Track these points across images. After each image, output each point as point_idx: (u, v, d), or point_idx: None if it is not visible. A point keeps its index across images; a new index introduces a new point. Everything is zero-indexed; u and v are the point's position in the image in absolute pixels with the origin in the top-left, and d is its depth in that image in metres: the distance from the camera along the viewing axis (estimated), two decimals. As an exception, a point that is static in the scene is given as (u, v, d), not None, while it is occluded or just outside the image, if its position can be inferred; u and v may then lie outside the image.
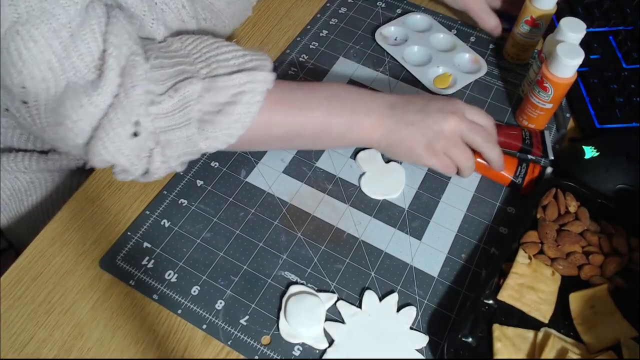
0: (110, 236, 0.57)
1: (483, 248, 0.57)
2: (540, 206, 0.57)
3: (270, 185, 0.61)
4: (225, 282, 0.54)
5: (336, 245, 0.57)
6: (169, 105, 0.48)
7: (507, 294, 0.52)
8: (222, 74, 0.50)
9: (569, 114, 0.68)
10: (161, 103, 0.48)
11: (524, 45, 0.71)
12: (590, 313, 0.51)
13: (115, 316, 0.52)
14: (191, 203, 0.59)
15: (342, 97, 0.55)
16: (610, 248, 0.54)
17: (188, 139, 0.50)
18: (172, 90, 0.48)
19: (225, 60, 0.51)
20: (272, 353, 0.50)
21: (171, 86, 0.48)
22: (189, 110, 0.49)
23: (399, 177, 0.62)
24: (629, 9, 0.75)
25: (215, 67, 0.50)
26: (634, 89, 0.66)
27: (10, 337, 0.51)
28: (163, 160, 0.50)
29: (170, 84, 0.48)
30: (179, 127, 0.49)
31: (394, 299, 0.53)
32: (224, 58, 0.51)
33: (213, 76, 0.49)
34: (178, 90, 0.48)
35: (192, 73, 0.49)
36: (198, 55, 0.51)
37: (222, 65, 0.50)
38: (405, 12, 0.79)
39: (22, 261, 0.55)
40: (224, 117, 0.49)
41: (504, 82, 0.72)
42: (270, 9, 0.80)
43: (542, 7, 0.66)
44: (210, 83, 0.49)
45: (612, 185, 0.58)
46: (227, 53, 0.51)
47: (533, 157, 0.64)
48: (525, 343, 0.50)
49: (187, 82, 0.48)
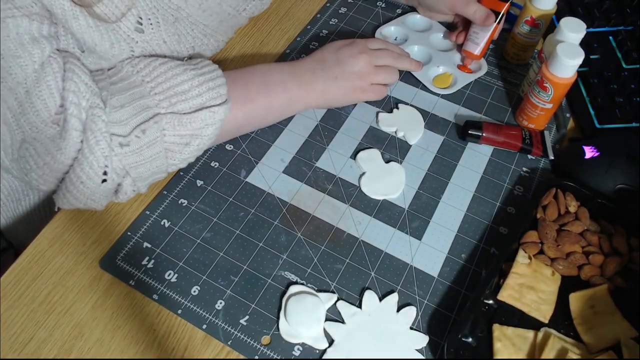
0: (110, 236, 0.57)
1: (483, 248, 0.57)
2: (540, 206, 0.57)
3: (270, 185, 0.61)
4: (225, 282, 0.54)
5: (336, 245, 0.57)
6: (137, 145, 0.50)
7: (507, 294, 0.52)
8: (185, 111, 0.52)
9: (569, 114, 0.68)
10: (129, 144, 0.50)
11: (524, 45, 0.71)
12: (590, 313, 0.51)
13: (115, 316, 0.52)
14: (191, 203, 0.59)
15: (273, 79, 0.60)
16: (610, 248, 0.54)
17: (157, 168, 0.53)
18: (138, 130, 0.50)
19: (184, 93, 0.52)
20: (272, 353, 0.50)
21: (136, 126, 0.50)
22: (157, 145, 0.51)
23: (399, 177, 0.62)
24: (629, 9, 0.75)
25: (176, 102, 0.52)
26: (634, 89, 0.66)
27: (10, 337, 0.51)
28: (133, 189, 0.53)
29: (133, 123, 0.50)
30: (149, 161, 0.52)
31: (394, 299, 0.53)
32: (182, 90, 0.52)
33: (175, 112, 0.52)
34: (146, 131, 0.50)
35: (152, 108, 0.51)
36: (154, 84, 0.52)
37: (181, 99, 0.52)
38: (405, 12, 0.79)
39: (22, 261, 0.55)
40: (190, 147, 0.54)
41: (504, 82, 0.72)
42: (270, 9, 0.80)
43: (542, 7, 0.66)
44: (174, 119, 0.51)
45: (612, 185, 0.58)
46: (183, 83, 0.53)
47: (533, 157, 0.64)
48: (525, 343, 0.50)
49: (152, 122, 0.50)
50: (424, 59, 0.73)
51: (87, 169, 0.48)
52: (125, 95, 0.51)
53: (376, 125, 0.67)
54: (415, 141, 0.65)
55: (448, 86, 0.71)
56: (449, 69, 0.72)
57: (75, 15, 0.49)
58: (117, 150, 0.49)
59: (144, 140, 0.50)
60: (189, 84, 0.53)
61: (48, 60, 0.48)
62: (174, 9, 0.57)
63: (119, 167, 0.50)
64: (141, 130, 0.50)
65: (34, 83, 0.47)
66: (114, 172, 0.50)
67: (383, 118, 0.67)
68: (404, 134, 0.65)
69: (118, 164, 0.50)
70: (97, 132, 0.48)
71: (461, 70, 0.72)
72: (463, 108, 0.68)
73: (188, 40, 0.60)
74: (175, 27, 0.58)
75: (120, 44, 0.53)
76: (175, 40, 0.58)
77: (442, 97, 0.70)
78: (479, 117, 0.68)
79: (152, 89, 0.52)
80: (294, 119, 0.67)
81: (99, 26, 0.51)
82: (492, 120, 0.67)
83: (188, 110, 0.52)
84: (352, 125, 0.66)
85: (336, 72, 0.62)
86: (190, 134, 0.53)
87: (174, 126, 0.51)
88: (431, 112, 0.68)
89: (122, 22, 0.52)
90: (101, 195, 0.51)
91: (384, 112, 0.68)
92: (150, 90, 0.52)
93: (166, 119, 0.51)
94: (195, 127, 0.53)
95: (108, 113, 0.49)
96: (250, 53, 0.74)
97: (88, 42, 0.51)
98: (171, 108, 0.52)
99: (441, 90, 0.70)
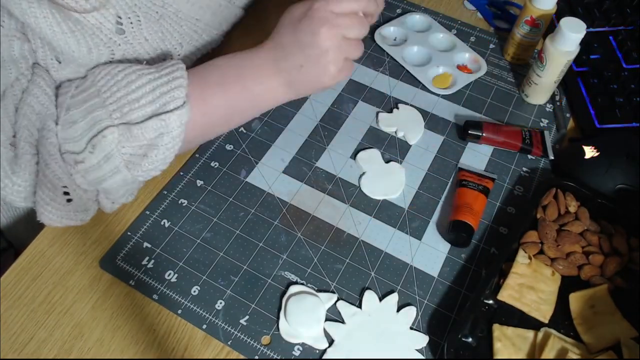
0: (110, 236, 0.57)
1: (483, 248, 0.57)
2: (540, 206, 0.57)
3: (270, 185, 0.61)
4: (225, 282, 0.54)
5: (336, 245, 0.57)
6: (92, 160, 0.48)
7: (507, 294, 0.52)
8: (136, 121, 0.48)
9: (569, 114, 0.68)
10: (84, 161, 0.48)
11: (524, 45, 0.71)
12: (590, 313, 0.51)
13: (115, 316, 0.52)
14: (191, 203, 0.59)
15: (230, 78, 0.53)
16: (610, 248, 0.54)
17: (123, 181, 0.50)
18: (90, 146, 0.48)
19: (136, 100, 0.48)
20: (272, 353, 0.50)
21: (88, 141, 0.48)
22: (114, 159, 0.48)
23: (399, 177, 0.62)
24: (629, 9, 0.75)
25: (128, 111, 0.48)
26: (634, 89, 0.66)
27: (10, 337, 0.51)
28: (111, 201, 0.52)
29: (86, 139, 0.48)
30: (110, 176, 0.49)
31: (394, 299, 0.53)
32: (135, 97, 0.48)
33: (126, 122, 0.48)
34: (96, 146, 0.47)
35: (104, 119, 0.48)
36: (109, 94, 0.49)
37: (133, 107, 0.48)
38: (405, 12, 0.79)
39: (22, 261, 0.55)
40: (149, 159, 0.49)
41: (504, 82, 0.72)
42: (271, 3, 0.80)
43: (542, 7, 0.66)
44: (125, 130, 0.48)
45: (612, 185, 0.58)
46: (136, 90, 0.48)
47: (533, 157, 0.64)
48: (525, 343, 0.50)
49: (101, 135, 0.47)
50: (423, 59, 0.73)
51: (47, 191, 0.48)
52: (80, 109, 0.49)
53: (376, 125, 0.67)
54: (415, 141, 0.65)
55: (448, 86, 0.71)
56: (448, 69, 0.72)
57: (48, 23, 0.47)
58: (76, 167, 0.48)
59: (98, 156, 0.47)
60: (142, 90, 0.48)
61: (11, 84, 0.48)
62: (159, 6, 0.54)
63: (84, 183, 0.49)
64: (92, 145, 0.47)
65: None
66: (78, 188, 0.49)
67: (383, 118, 0.67)
68: (404, 134, 0.65)
69: (82, 180, 0.49)
70: (46, 155, 0.47)
71: (461, 70, 0.72)
72: (463, 108, 0.68)
73: (175, 37, 0.57)
74: (160, 24, 0.55)
75: (99, 48, 0.51)
76: (159, 39, 0.55)
77: (442, 97, 0.70)
78: (479, 117, 0.68)
79: (106, 99, 0.48)
80: (294, 119, 0.67)
81: (75, 32, 0.49)
82: (492, 120, 0.67)
83: (139, 119, 0.48)
84: (352, 125, 0.66)
85: (299, 59, 0.51)
86: (146, 144, 0.48)
87: (127, 138, 0.47)
88: (431, 112, 0.68)
89: (101, 23, 0.50)
90: (74, 212, 0.50)
91: (384, 112, 0.68)
92: (105, 100, 0.48)
93: (118, 131, 0.47)
94: (149, 137, 0.48)
95: (61, 130, 0.48)
96: (250, 53, 0.74)
97: (65, 49, 0.49)
98: (123, 118, 0.48)
99: (441, 91, 0.70)
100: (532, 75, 0.66)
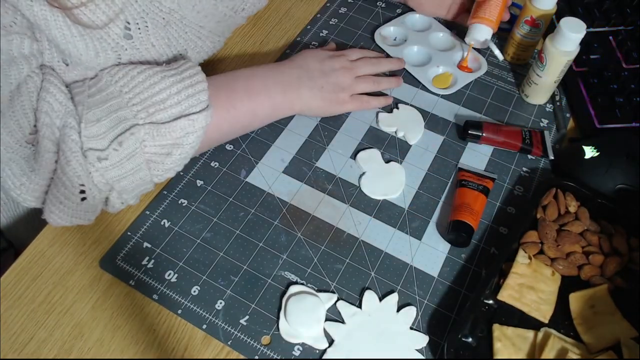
0: (110, 236, 0.57)
1: (483, 248, 0.57)
2: (540, 206, 0.57)
3: (270, 185, 0.61)
4: (225, 282, 0.54)
5: (336, 245, 0.57)
6: (116, 158, 0.49)
7: (507, 294, 0.52)
8: (163, 120, 0.51)
9: (569, 114, 0.68)
10: (108, 158, 0.49)
11: (524, 45, 0.71)
12: (590, 313, 0.51)
13: (115, 316, 0.52)
14: (191, 203, 0.59)
15: (257, 86, 0.60)
16: (610, 248, 0.54)
17: (141, 180, 0.52)
18: (116, 143, 0.49)
19: (162, 102, 0.51)
20: (272, 353, 0.50)
21: (113, 139, 0.49)
22: (137, 157, 0.50)
23: (399, 177, 0.62)
24: (629, 9, 0.75)
25: (154, 112, 0.51)
26: (634, 89, 0.66)
27: (10, 337, 0.51)
28: (121, 201, 0.53)
29: (111, 136, 0.49)
30: (131, 174, 0.51)
31: (394, 299, 0.53)
32: (160, 99, 0.51)
33: (153, 122, 0.50)
34: (122, 144, 0.49)
35: (129, 119, 0.50)
36: (131, 95, 0.51)
37: (159, 108, 0.51)
38: (405, 11, 0.79)
39: (22, 261, 0.55)
40: (172, 157, 0.52)
41: (504, 82, 0.72)
42: (270, 8, 0.80)
43: (542, 7, 0.66)
44: (152, 129, 0.50)
45: (612, 185, 0.58)
46: (161, 92, 0.51)
47: (533, 157, 0.64)
48: (525, 343, 0.50)
49: (129, 133, 0.49)
50: (423, 59, 0.73)
51: (62, 189, 0.48)
52: (102, 107, 0.50)
53: (376, 125, 0.67)
54: (415, 141, 0.65)
55: (448, 86, 0.71)
56: (448, 69, 0.72)
57: (58, 26, 0.48)
58: (97, 165, 0.48)
59: (122, 153, 0.49)
60: (167, 92, 0.51)
61: (25, 81, 0.48)
62: (166, 12, 0.55)
63: (102, 182, 0.49)
64: (118, 142, 0.49)
65: (8, 104, 0.47)
66: (95, 187, 0.49)
67: (383, 118, 0.67)
68: (404, 134, 0.65)
69: (100, 178, 0.49)
70: (67, 152, 0.48)
71: (461, 70, 0.72)
72: (463, 108, 0.68)
73: (180, 43, 0.59)
74: (166, 30, 0.56)
75: (107, 52, 0.52)
76: (165, 44, 0.56)
77: (442, 97, 0.70)
78: (479, 117, 0.68)
79: (130, 100, 0.50)
80: (294, 119, 0.67)
81: (84, 35, 0.49)
82: (492, 120, 0.67)
83: (167, 119, 0.51)
84: (352, 125, 0.66)
85: (322, 82, 0.63)
86: (171, 143, 0.51)
87: (153, 137, 0.50)
88: (431, 112, 0.68)
89: (110, 28, 0.51)
90: (84, 212, 0.51)
91: (384, 112, 0.68)
92: (128, 101, 0.50)
93: (144, 130, 0.50)
94: (175, 137, 0.51)
95: (84, 128, 0.48)
96: (250, 53, 0.74)
97: (73, 52, 0.50)
98: (149, 118, 0.50)
99: (441, 90, 0.70)
100: (532, 75, 0.66)
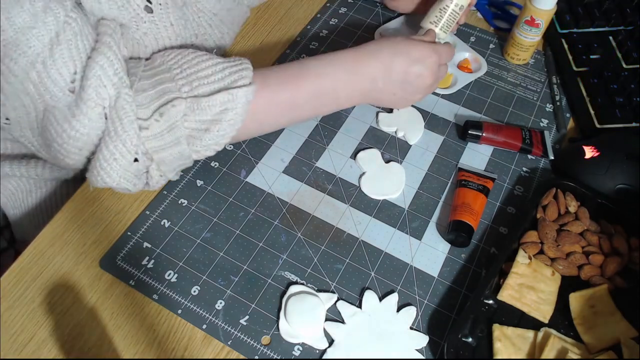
0: (110, 236, 0.57)
1: (483, 248, 0.57)
2: (540, 206, 0.57)
3: (270, 185, 0.61)
4: (225, 282, 0.54)
5: (336, 245, 0.57)
6: (156, 129, 0.50)
7: (507, 293, 0.52)
8: (205, 94, 0.51)
9: (569, 114, 0.68)
10: (149, 128, 0.50)
11: (524, 45, 0.71)
12: (590, 313, 0.51)
13: (115, 316, 0.52)
14: (191, 203, 0.59)
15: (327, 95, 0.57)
16: (610, 248, 0.54)
17: (180, 154, 0.52)
18: (157, 114, 0.50)
19: (206, 77, 0.52)
20: (272, 353, 0.50)
21: (155, 109, 0.50)
22: (177, 130, 0.51)
23: (399, 177, 0.62)
24: (629, 9, 0.75)
25: (197, 85, 0.51)
26: (634, 89, 0.66)
27: (10, 337, 0.51)
28: (160, 174, 0.53)
29: (154, 107, 0.50)
30: (170, 146, 0.51)
31: (394, 299, 0.53)
32: (205, 74, 0.52)
33: (195, 96, 0.51)
34: (163, 114, 0.50)
35: (173, 92, 0.51)
36: (179, 70, 0.52)
37: (203, 82, 0.52)
38: (405, 12, 0.79)
39: (22, 261, 0.55)
40: (210, 134, 0.52)
41: (504, 82, 0.72)
42: (270, 9, 0.80)
43: (542, 7, 0.66)
44: (193, 103, 0.51)
45: (612, 185, 0.58)
46: (207, 69, 0.52)
47: (533, 157, 0.64)
48: (525, 343, 0.50)
49: (170, 105, 0.50)
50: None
51: (120, 145, 0.49)
52: (150, 80, 0.51)
53: (376, 125, 0.67)
54: (415, 141, 0.65)
55: (448, 86, 0.71)
56: (449, 69, 0.72)
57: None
58: (140, 133, 0.50)
59: (162, 125, 0.50)
60: (212, 69, 0.52)
61: (63, 28, 0.48)
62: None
63: (143, 150, 0.50)
64: (159, 113, 0.50)
65: (50, 52, 0.47)
66: (144, 155, 0.50)
67: (383, 118, 0.67)
68: (404, 134, 0.65)
69: (141, 147, 0.50)
70: (129, 112, 0.49)
71: (461, 70, 0.72)
72: (463, 108, 0.68)
73: (193, 26, 0.59)
74: (183, 11, 0.57)
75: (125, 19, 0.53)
76: (182, 25, 0.57)
77: (442, 97, 0.70)
78: (479, 117, 0.68)
79: (177, 75, 0.52)
80: (294, 119, 0.67)
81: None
82: (492, 120, 0.67)
83: (208, 92, 0.51)
84: (352, 125, 0.66)
85: (396, 90, 0.59)
86: (210, 119, 0.52)
87: (193, 110, 0.51)
88: (431, 112, 0.68)
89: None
90: (133, 174, 0.51)
91: (384, 112, 0.68)
92: (175, 76, 0.52)
93: (186, 103, 0.50)
94: (215, 112, 0.51)
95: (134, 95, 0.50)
96: (250, 53, 0.74)
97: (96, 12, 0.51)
98: (192, 92, 0.51)
99: (441, 90, 0.70)
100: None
